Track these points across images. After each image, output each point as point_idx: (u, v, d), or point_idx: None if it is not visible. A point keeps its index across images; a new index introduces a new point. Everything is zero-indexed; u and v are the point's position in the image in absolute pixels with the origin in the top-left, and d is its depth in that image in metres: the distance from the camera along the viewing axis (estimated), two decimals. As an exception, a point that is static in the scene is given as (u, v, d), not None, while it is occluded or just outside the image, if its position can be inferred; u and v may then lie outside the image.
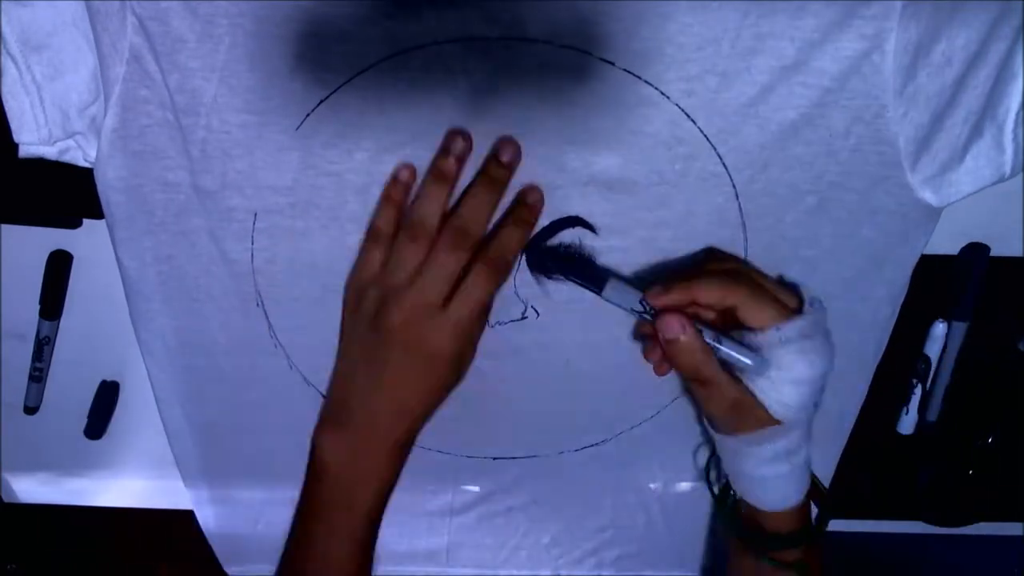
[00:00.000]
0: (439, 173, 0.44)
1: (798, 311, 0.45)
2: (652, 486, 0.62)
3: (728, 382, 0.45)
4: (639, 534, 0.65)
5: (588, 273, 0.48)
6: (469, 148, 0.45)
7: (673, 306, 0.45)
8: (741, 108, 0.45)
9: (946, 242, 0.56)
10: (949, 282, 0.57)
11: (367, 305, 0.45)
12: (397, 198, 0.46)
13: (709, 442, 0.56)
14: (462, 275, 0.44)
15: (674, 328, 0.44)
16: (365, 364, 0.46)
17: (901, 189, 0.48)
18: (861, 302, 0.52)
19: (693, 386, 0.47)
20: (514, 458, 0.60)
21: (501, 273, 0.45)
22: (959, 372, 0.60)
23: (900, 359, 0.58)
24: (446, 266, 0.43)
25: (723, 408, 0.46)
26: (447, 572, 0.67)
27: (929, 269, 0.53)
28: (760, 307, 0.44)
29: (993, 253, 0.56)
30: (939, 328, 0.59)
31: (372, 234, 0.46)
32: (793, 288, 0.47)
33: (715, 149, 0.47)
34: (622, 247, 0.50)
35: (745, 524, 0.51)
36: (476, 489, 0.62)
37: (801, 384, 0.45)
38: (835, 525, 0.67)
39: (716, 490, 0.57)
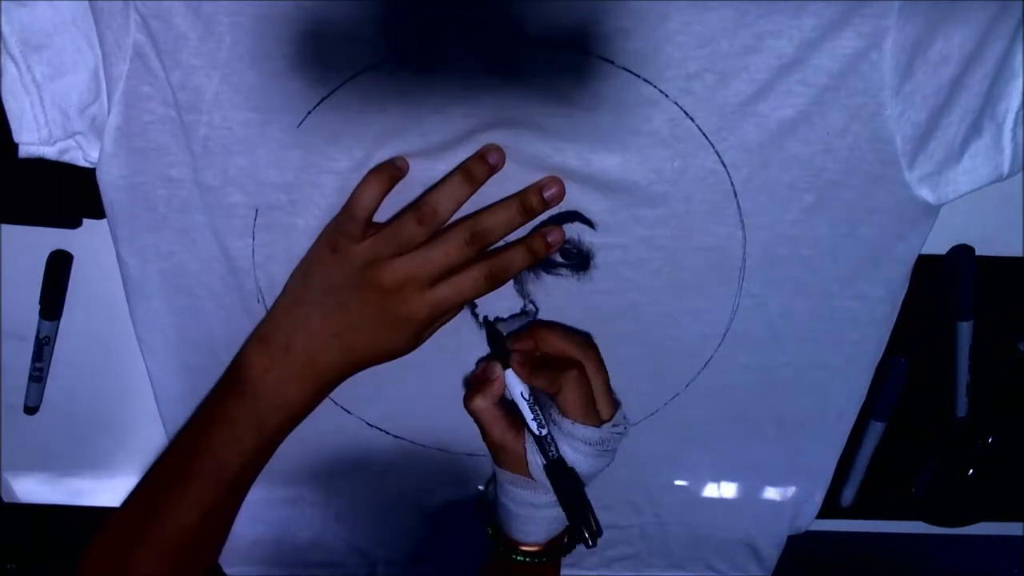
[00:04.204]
0: (468, 174, 0.46)
1: (603, 422, 0.49)
2: (651, 485, 0.62)
3: (502, 428, 0.50)
4: (639, 534, 0.65)
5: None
6: (502, 163, 0.46)
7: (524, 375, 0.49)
8: (740, 106, 0.45)
9: (944, 242, 0.56)
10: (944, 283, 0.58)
11: (358, 253, 0.46)
12: (388, 178, 0.47)
13: None
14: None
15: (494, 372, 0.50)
16: (327, 298, 0.47)
17: (899, 187, 0.48)
18: (859, 300, 0.52)
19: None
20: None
21: (496, 281, 0.47)
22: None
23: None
24: (451, 255, 0.46)
25: (489, 444, 0.51)
26: (447, 571, 0.66)
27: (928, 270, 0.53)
28: (571, 398, 0.48)
29: (992, 253, 0.57)
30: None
31: (360, 205, 0.46)
32: (617, 404, 0.51)
33: (714, 147, 0.47)
34: (621, 244, 0.50)
35: (496, 532, 0.54)
36: (477, 488, 0.61)
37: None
38: (835, 525, 0.67)
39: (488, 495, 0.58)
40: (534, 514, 0.51)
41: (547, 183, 0.47)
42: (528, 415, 0.48)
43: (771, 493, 0.62)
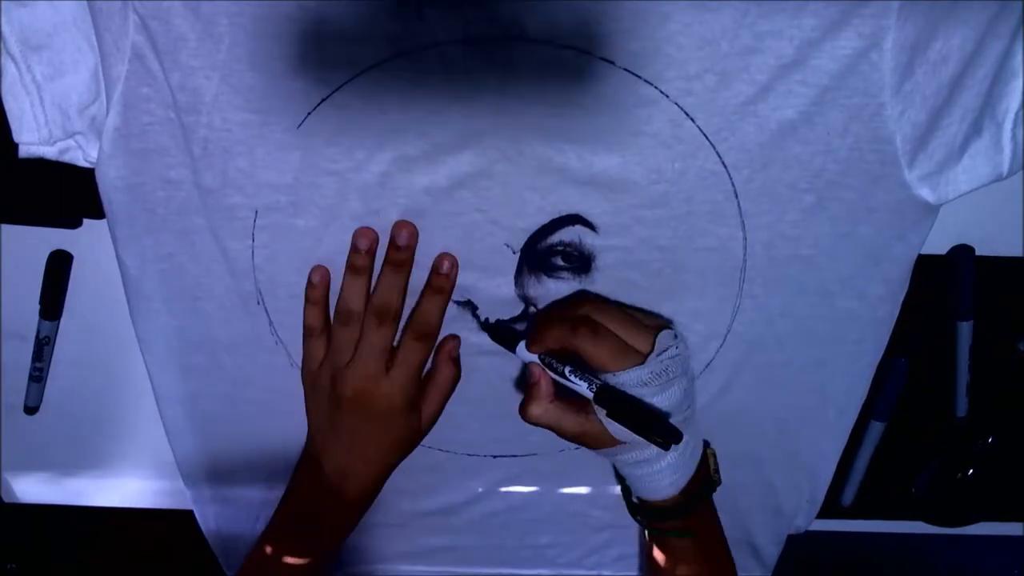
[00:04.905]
0: (353, 268, 0.50)
1: (645, 355, 0.47)
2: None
3: (570, 418, 0.49)
4: (639, 534, 0.65)
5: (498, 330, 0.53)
6: (376, 241, 0.50)
7: (540, 351, 0.49)
8: (740, 107, 0.45)
9: (944, 242, 0.56)
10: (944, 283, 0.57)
11: (322, 384, 0.52)
12: (316, 298, 0.52)
13: None
14: (396, 344, 0.52)
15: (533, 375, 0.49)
16: (331, 431, 0.53)
17: (899, 187, 0.48)
18: (859, 300, 0.52)
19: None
20: (514, 456, 0.60)
21: (427, 338, 0.51)
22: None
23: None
24: (376, 343, 0.50)
25: (572, 438, 0.50)
26: (447, 571, 0.66)
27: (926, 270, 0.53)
28: (597, 354, 0.46)
29: (992, 253, 0.57)
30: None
31: (307, 331, 0.53)
32: (653, 329, 0.48)
33: (714, 148, 0.47)
34: (622, 246, 0.50)
35: (641, 511, 0.54)
36: (476, 488, 0.62)
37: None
38: (835, 525, 0.67)
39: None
40: (654, 467, 0.49)
41: (397, 232, 0.49)
42: (550, 374, 0.48)
43: (771, 493, 0.62)
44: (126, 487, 0.66)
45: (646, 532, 0.55)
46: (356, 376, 0.51)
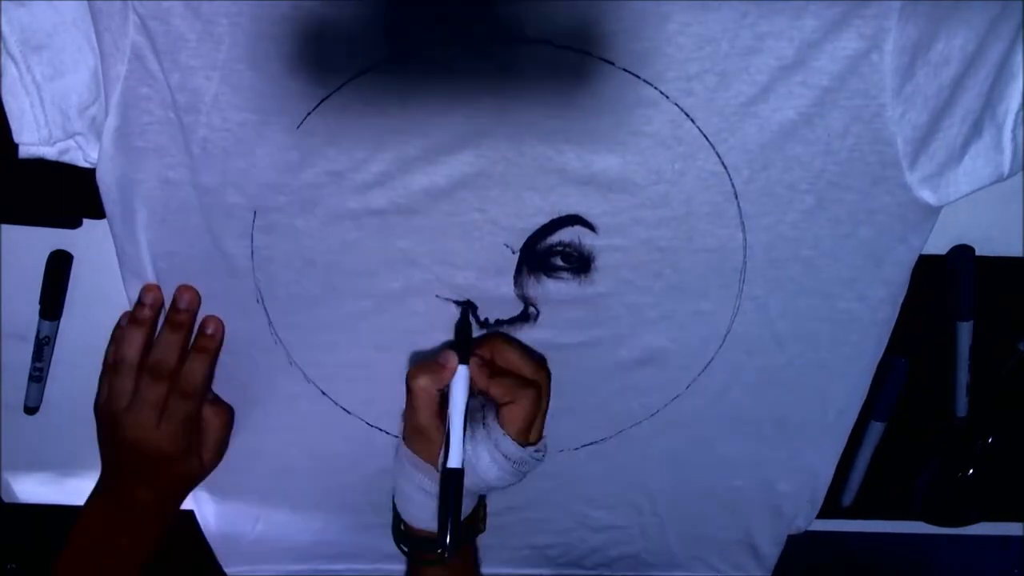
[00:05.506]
0: (135, 320, 0.53)
1: (532, 443, 0.50)
2: (652, 485, 0.62)
3: (431, 413, 0.50)
4: (639, 534, 0.65)
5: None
6: (160, 300, 0.53)
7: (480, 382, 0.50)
8: (740, 108, 0.45)
9: (944, 242, 0.56)
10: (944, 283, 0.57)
11: (106, 422, 0.54)
12: (119, 336, 0.54)
13: None
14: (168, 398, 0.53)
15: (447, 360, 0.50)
16: (116, 466, 0.55)
17: (899, 189, 0.48)
18: (860, 301, 0.52)
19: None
20: (514, 457, 0.60)
21: (192, 397, 0.54)
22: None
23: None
24: (148, 398, 0.53)
25: (413, 423, 0.50)
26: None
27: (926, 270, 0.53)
28: (515, 415, 0.49)
29: (992, 253, 0.56)
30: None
31: (105, 367, 0.55)
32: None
33: (714, 148, 0.47)
34: (621, 246, 0.50)
35: (400, 530, 0.55)
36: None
37: (472, 471, 0.49)
38: (835, 525, 0.67)
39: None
40: (428, 500, 0.51)
41: (179, 296, 0.52)
42: (458, 419, 0.48)
43: (771, 493, 0.62)
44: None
45: (407, 561, 0.56)
46: (130, 424, 0.53)
